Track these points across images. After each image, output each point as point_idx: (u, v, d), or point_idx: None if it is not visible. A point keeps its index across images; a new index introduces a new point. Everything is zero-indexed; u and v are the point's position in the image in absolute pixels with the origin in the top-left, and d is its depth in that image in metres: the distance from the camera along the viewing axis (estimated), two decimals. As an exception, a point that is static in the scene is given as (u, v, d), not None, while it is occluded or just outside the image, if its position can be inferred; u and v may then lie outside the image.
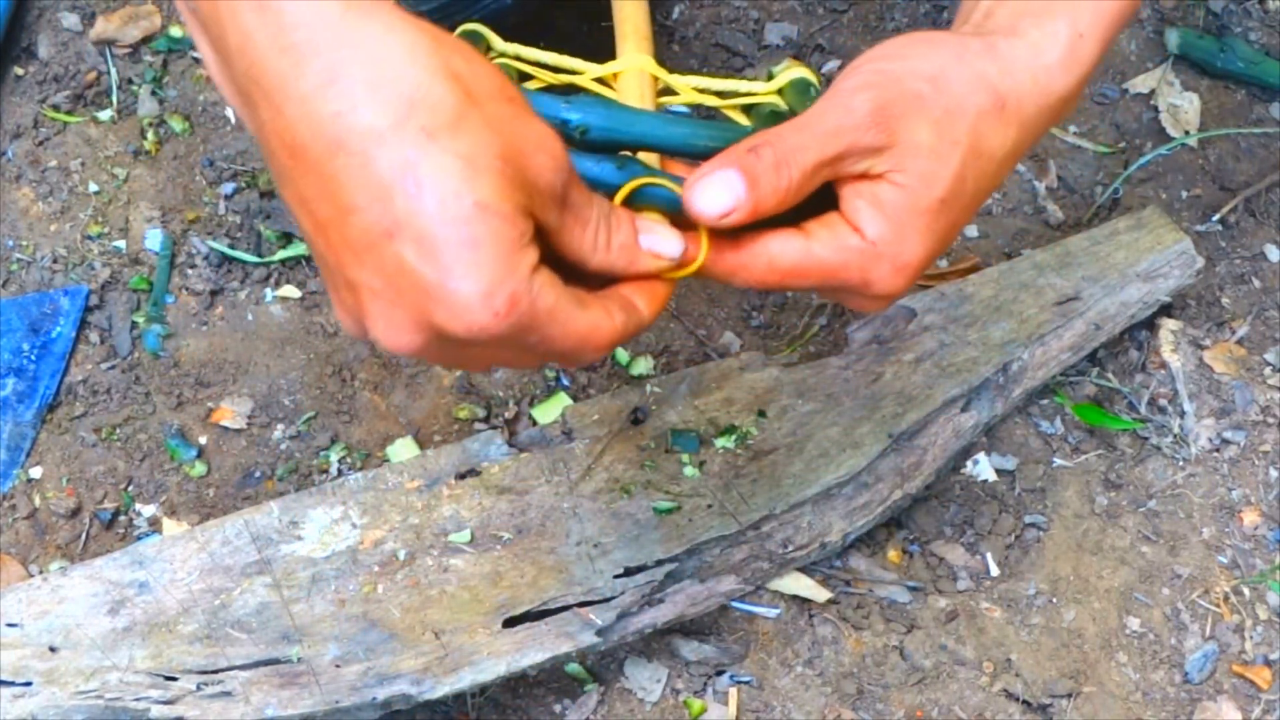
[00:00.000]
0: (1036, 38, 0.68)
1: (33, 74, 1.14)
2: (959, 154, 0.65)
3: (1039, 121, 0.68)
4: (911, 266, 0.66)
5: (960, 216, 0.67)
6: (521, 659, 0.86)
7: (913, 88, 0.65)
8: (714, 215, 0.63)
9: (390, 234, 0.55)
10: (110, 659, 0.84)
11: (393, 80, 0.55)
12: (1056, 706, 0.96)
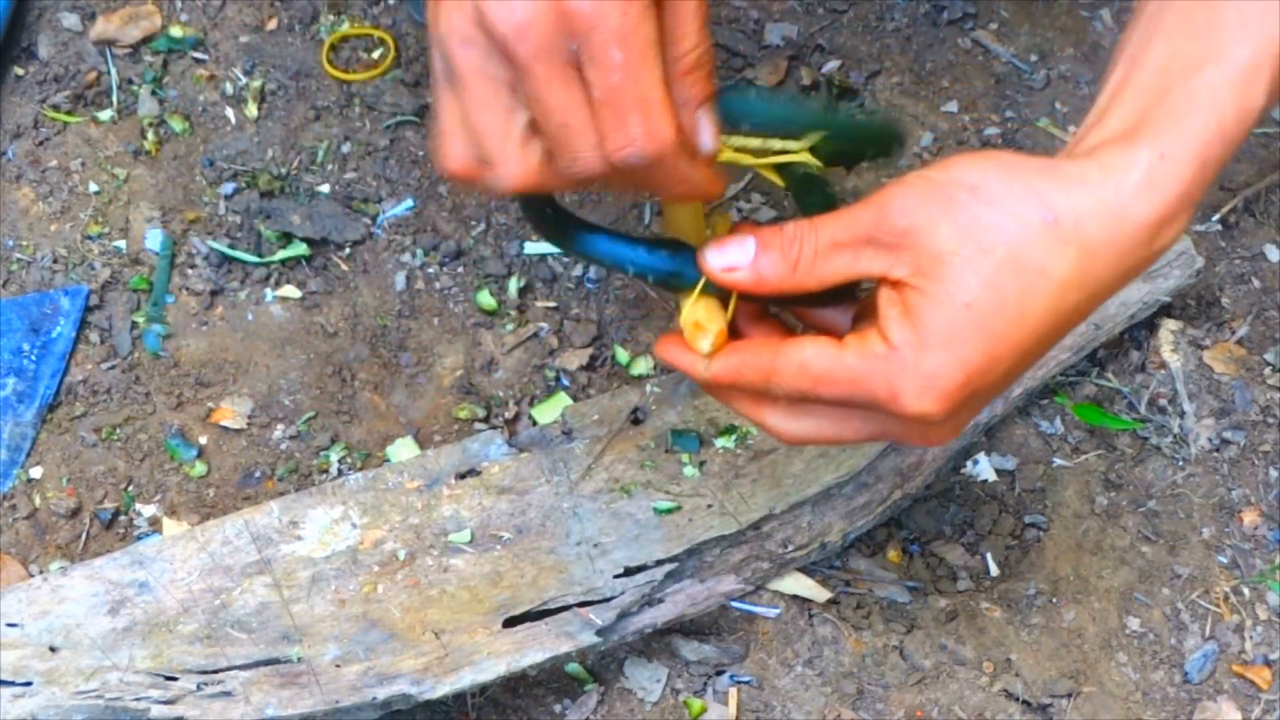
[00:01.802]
0: (1110, 160, 0.64)
1: (33, 74, 1.14)
2: (990, 263, 0.62)
3: (1111, 248, 0.63)
4: (939, 380, 0.62)
5: (1009, 336, 0.63)
6: (521, 659, 0.86)
7: (947, 192, 0.63)
8: (718, 267, 0.66)
9: None
10: (110, 659, 0.84)
11: None
12: (1056, 706, 0.96)
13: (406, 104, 1.15)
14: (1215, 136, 0.64)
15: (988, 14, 1.22)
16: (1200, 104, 0.65)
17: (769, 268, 0.66)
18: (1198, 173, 0.64)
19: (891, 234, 0.63)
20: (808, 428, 0.68)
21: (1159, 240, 0.64)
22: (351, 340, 1.06)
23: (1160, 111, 0.65)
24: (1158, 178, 0.63)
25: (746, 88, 0.68)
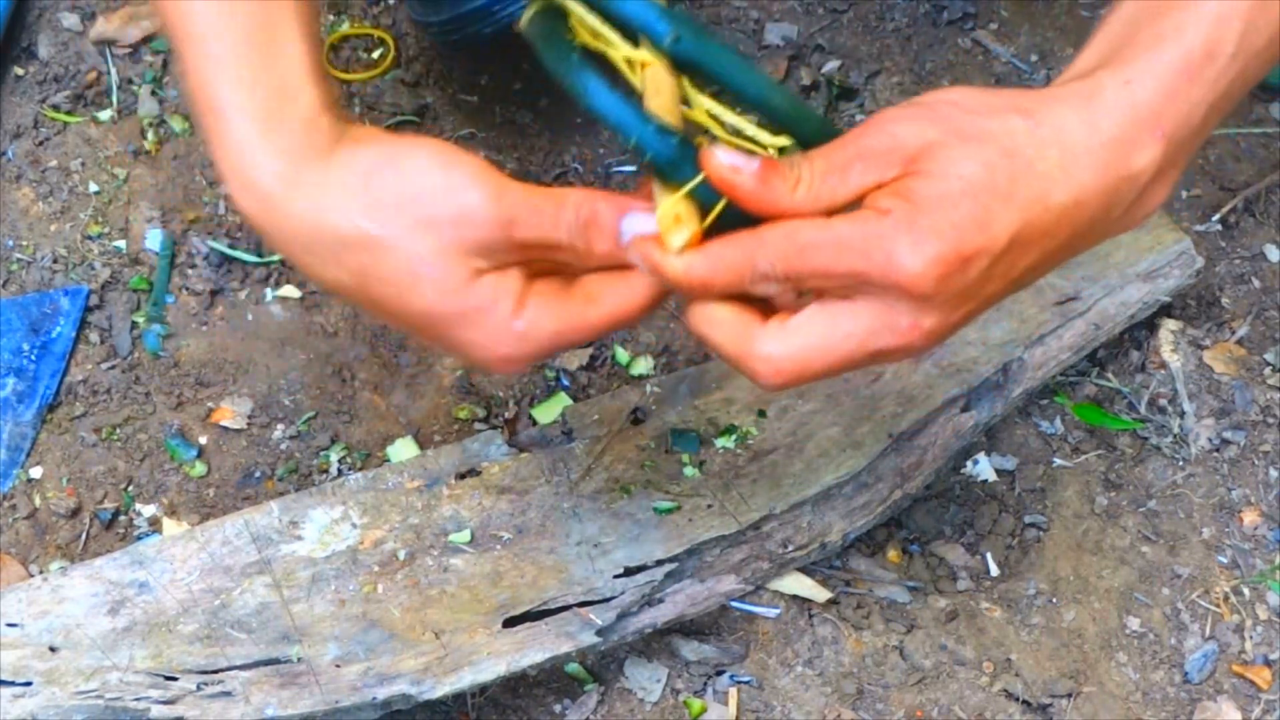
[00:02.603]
0: (1078, 87, 0.66)
1: (33, 74, 1.14)
2: (979, 149, 0.63)
3: (1090, 156, 0.65)
4: (933, 242, 0.61)
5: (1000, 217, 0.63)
6: (521, 659, 0.86)
7: (931, 108, 0.65)
8: (724, 163, 0.64)
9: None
10: (110, 659, 0.84)
11: (334, 247, 0.70)
12: (1056, 706, 0.96)
13: (406, 104, 1.15)
14: (1181, 68, 0.66)
15: (988, 14, 1.22)
16: (1165, 39, 0.66)
17: (770, 181, 0.64)
18: (1166, 100, 0.66)
19: (883, 141, 0.64)
20: (796, 344, 0.65)
21: (1133, 161, 0.66)
22: (351, 340, 1.06)
23: (1127, 49, 0.67)
24: (1124, 99, 0.65)
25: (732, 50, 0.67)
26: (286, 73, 0.71)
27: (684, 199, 0.66)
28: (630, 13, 0.65)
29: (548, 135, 1.14)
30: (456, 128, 1.14)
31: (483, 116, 1.15)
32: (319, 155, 0.70)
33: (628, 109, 0.66)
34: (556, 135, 1.15)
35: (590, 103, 0.66)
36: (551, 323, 0.70)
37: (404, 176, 0.69)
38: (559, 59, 0.68)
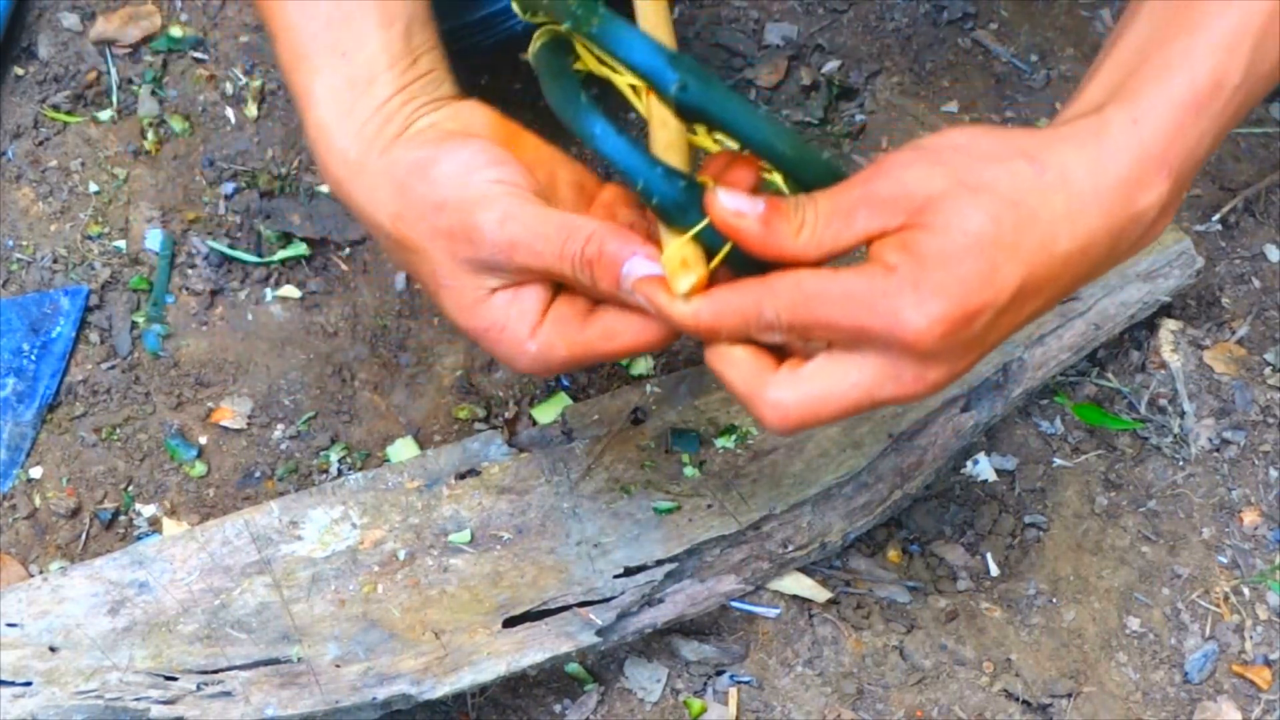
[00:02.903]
0: (1085, 125, 0.66)
1: (33, 74, 1.14)
2: (985, 200, 0.63)
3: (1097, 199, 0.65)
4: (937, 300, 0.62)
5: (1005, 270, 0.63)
6: (521, 659, 0.86)
7: (937, 152, 0.65)
8: (729, 208, 0.65)
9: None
10: (110, 659, 0.84)
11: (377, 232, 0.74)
12: (1056, 706, 0.96)
13: (406, 104, 1.15)
14: (1188, 102, 0.66)
15: (988, 14, 1.22)
16: (1173, 71, 0.66)
17: (775, 226, 0.65)
18: (1173, 137, 0.65)
19: (889, 189, 0.64)
20: (805, 391, 0.66)
21: (1140, 200, 0.65)
22: (351, 340, 1.06)
23: (1134, 80, 0.66)
24: (1131, 139, 0.65)
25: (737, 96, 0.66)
26: (363, 61, 0.74)
27: (690, 242, 0.66)
28: (636, 59, 0.66)
29: (548, 135, 1.14)
30: (456, 128, 1.14)
31: (483, 116, 1.15)
32: (384, 146, 0.73)
33: (635, 153, 0.66)
34: (557, 135, 1.15)
35: (598, 146, 0.67)
36: (565, 349, 0.71)
37: (432, 185, 0.71)
38: (566, 99, 0.69)
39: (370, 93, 0.74)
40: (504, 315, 0.72)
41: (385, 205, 0.72)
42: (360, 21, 0.75)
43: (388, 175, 0.72)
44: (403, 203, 0.72)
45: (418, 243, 0.72)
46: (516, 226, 0.69)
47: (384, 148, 0.73)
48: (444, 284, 0.72)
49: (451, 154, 0.72)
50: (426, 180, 0.71)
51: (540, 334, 0.72)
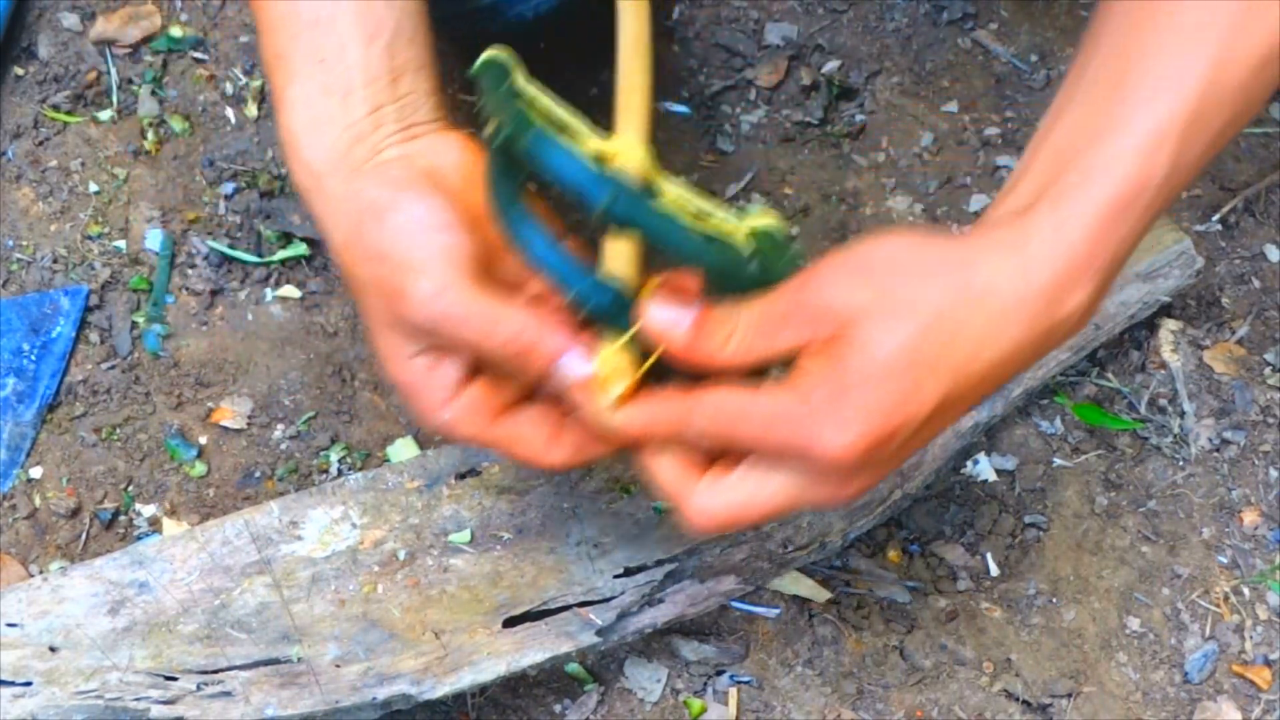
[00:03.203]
0: (1011, 233, 0.67)
1: (33, 74, 1.14)
2: (908, 321, 0.64)
3: (1020, 311, 0.66)
4: (857, 424, 0.64)
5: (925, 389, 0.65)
6: (521, 659, 0.86)
7: (863, 262, 0.66)
8: (659, 320, 0.67)
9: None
10: (110, 659, 0.84)
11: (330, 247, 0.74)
12: (1056, 706, 0.96)
13: (406, 104, 1.15)
14: (1113, 206, 0.66)
15: (988, 14, 1.22)
16: (1097, 175, 0.67)
17: (703, 336, 0.67)
18: (1097, 242, 0.67)
19: (815, 303, 0.66)
20: (728, 499, 0.68)
21: (1064, 306, 0.67)
22: (351, 340, 1.06)
23: (1059, 184, 0.67)
24: (1056, 249, 0.66)
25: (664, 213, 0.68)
26: (341, 71, 0.74)
27: (621, 349, 0.68)
28: (565, 178, 0.66)
29: (548, 135, 1.14)
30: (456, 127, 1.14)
31: (483, 116, 1.15)
32: (350, 169, 0.73)
33: (568, 263, 0.68)
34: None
35: (529, 253, 0.68)
36: (471, 434, 0.73)
37: (381, 233, 0.71)
38: (503, 202, 0.70)
39: (344, 106, 0.73)
40: (422, 379, 0.73)
41: (339, 231, 0.73)
42: (344, 29, 0.74)
43: (347, 202, 0.72)
44: (354, 237, 0.72)
45: (359, 281, 0.72)
46: (445, 303, 0.69)
47: (350, 171, 0.73)
48: (378, 329, 0.73)
49: (407, 206, 0.71)
50: (378, 225, 0.71)
51: (452, 408, 0.73)
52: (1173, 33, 0.68)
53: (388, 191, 0.72)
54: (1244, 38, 0.67)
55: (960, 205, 1.13)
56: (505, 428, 0.73)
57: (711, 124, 1.16)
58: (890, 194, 1.14)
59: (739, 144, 1.15)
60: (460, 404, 0.73)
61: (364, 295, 0.73)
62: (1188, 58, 0.67)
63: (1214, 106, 0.68)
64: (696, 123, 1.16)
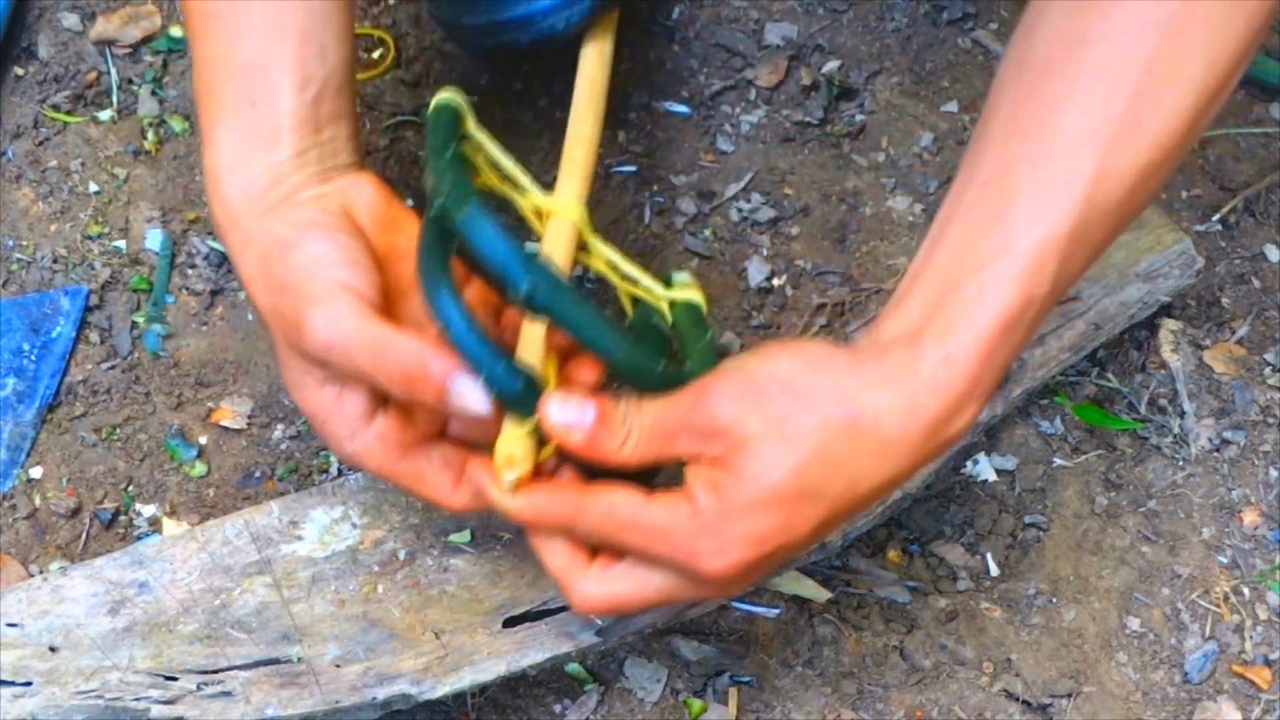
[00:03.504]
0: (900, 359, 0.68)
1: (33, 74, 1.14)
2: (793, 451, 0.67)
3: (905, 439, 0.68)
4: (736, 550, 0.68)
5: (804, 516, 0.68)
6: (521, 659, 0.86)
7: (759, 385, 0.68)
8: (557, 421, 0.70)
9: None
10: (110, 659, 0.84)
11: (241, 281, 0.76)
12: (1056, 706, 0.96)
13: (406, 104, 1.15)
14: (999, 329, 0.68)
15: (988, 14, 1.22)
16: (984, 300, 0.68)
17: (600, 438, 0.70)
18: (983, 366, 0.69)
19: (706, 420, 0.68)
20: (611, 590, 0.72)
21: (950, 429, 0.69)
22: (351, 340, 1.06)
23: (946, 309, 0.69)
24: (943, 379, 0.68)
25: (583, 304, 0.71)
26: (269, 116, 0.76)
27: (523, 435, 0.72)
28: (491, 259, 0.69)
29: (548, 135, 1.14)
30: (456, 128, 1.14)
31: (483, 116, 1.15)
32: (265, 208, 0.76)
33: (483, 345, 0.70)
34: (556, 135, 1.15)
35: (447, 330, 0.71)
36: (376, 467, 0.76)
37: (284, 267, 0.73)
38: (429, 276, 0.72)
39: (269, 148, 0.76)
40: (327, 409, 0.75)
41: (247, 266, 0.75)
42: (277, 76, 0.76)
43: (257, 239, 0.75)
44: (260, 271, 0.74)
45: (264, 313, 0.75)
46: (336, 331, 0.71)
47: (264, 210, 0.75)
48: (284, 359, 0.75)
49: (310, 244, 0.73)
50: (283, 261, 0.73)
51: (358, 440, 0.75)
52: (1055, 145, 0.68)
53: (294, 232, 0.74)
54: (1125, 150, 0.68)
55: (960, 205, 1.13)
56: (411, 463, 0.76)
57: (711, 124, 1.16)
58: (890, 194, 1.14)
59: (739, 144, 1.15)
60: (367, 436, 0.75)
61: (270, 327, 0.75)
62: (1069, 173, 0.68)
63: (1097, 219, 0.69)
64: (696, 123, 1.16)
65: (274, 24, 0.76)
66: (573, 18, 0.99)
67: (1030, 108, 0.70)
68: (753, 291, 1.09)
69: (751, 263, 1.10)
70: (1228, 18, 0.67)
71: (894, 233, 1.12)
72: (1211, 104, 0.69)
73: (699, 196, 1.13)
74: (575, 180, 0.90)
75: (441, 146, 0.78)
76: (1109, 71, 0.67)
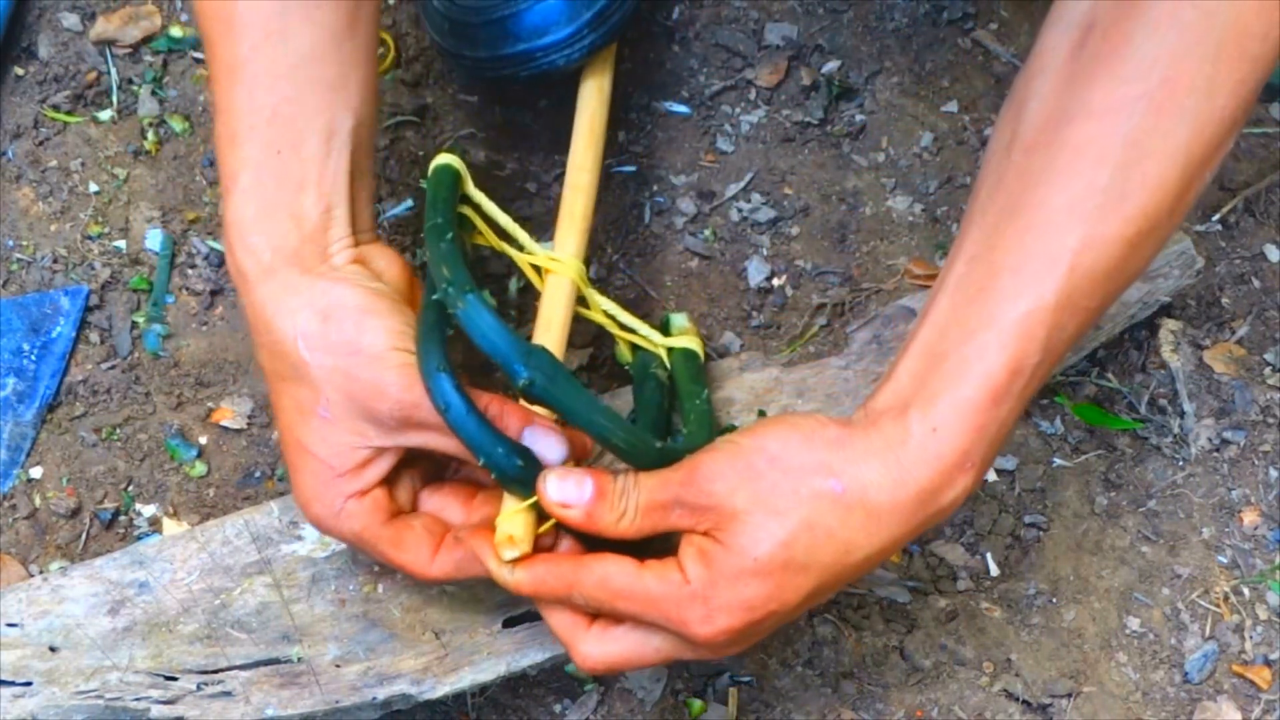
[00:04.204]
0: (889, 432, 0.70)
1: (33, 74, 1.14)
2: (786, 526, 0.69)
3: (895, 512, 0.70)
4: (724, 617, 0.70)
5: (793, 585, 0.70)
6: (521, 659, 0.86)
7: (749, 460, 0.70)
8: (555, 499, 0.73)
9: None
10: (110, 659, 0.84)
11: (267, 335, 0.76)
12: (1056, 706, 0.96)
13: (406, 104, 1.15)
14: (986, 400, 0.69)
15: (988, 14, 1.22)
16: (969, 371, 0.69)
17: (598, 514, 0.72)
18: (972, 438, 0.69)
19: (697, 495, 0.70)
20: (611, 650, 0.74)
21: (941, 500, 0.70)
22: (351, 340, 1.06)
23: (932, 380, 0.70)
24: (931, 450, 0.69)
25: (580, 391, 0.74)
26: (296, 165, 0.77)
27: (523, 512, 0.75)
28: (491, 350, 0.72)
29: (548, 135, 1.14)
30: (456, 128, 1.14)
31: (483, 116, 1.15)
32: (301, 260, 0.76)
33: (482, 429, 0.73)
34: (556, 135, 1.15)
35: (447, 415, 0.73)
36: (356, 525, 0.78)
37: (358, 331, 0.75)
38: (429, 364, 0.74)
39: (296, 200, 0.76)
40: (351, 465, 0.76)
41: (297, 321, 0.75)
42: (304, 126, 0.77)
43: (308, 295, 0.75)
44: (320, 330, 0.74)
45: (312, 369, 0.75)
46: (417, 394, 0.74)
47: (303, 269, 0.76)
48: (318, 414, 0.75)
49: (384, 316, 0.76)
50: (357, 325, 0.75)
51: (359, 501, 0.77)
52: (1040, 219, 0.69)
53: (362, 296, 0.76)
54: (1111, 221, 0.69)
55: (960, 205, 1.13)
56: (392, 529, 0.79)
57: (711, 124, 1.16)
58: (890, 194, 1.14)
59: (739, 144, 1.15)
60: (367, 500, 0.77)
61: (309, 382, 0.75)
62: (1054, 246, 0.69)
63: (1085, 288, 0.69)
64: (696, 123, 1.16)
65: (304, 75, 0.77)
66: (573, 55, 1.01)
67: (1016, 183, 0.71)
68: (753, 291, 1.09)
69: (751, 263, 1.10)
70: (1210, 91, 0.67)
71: (894, 233, 1.12)
72: (1199, 174, 0.70)
73: (699, 196, 1.13)
74: (574, 236, 0.92)
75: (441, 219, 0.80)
76: (1093, 146, 0.68)
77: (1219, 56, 0.66)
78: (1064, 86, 0.70)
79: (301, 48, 0.76)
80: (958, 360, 0.69)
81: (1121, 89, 0.68)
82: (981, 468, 0.71)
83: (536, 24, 1.01)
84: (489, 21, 1.02)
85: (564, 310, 0.88)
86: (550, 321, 0.87)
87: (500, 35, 1.02)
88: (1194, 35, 0.67)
